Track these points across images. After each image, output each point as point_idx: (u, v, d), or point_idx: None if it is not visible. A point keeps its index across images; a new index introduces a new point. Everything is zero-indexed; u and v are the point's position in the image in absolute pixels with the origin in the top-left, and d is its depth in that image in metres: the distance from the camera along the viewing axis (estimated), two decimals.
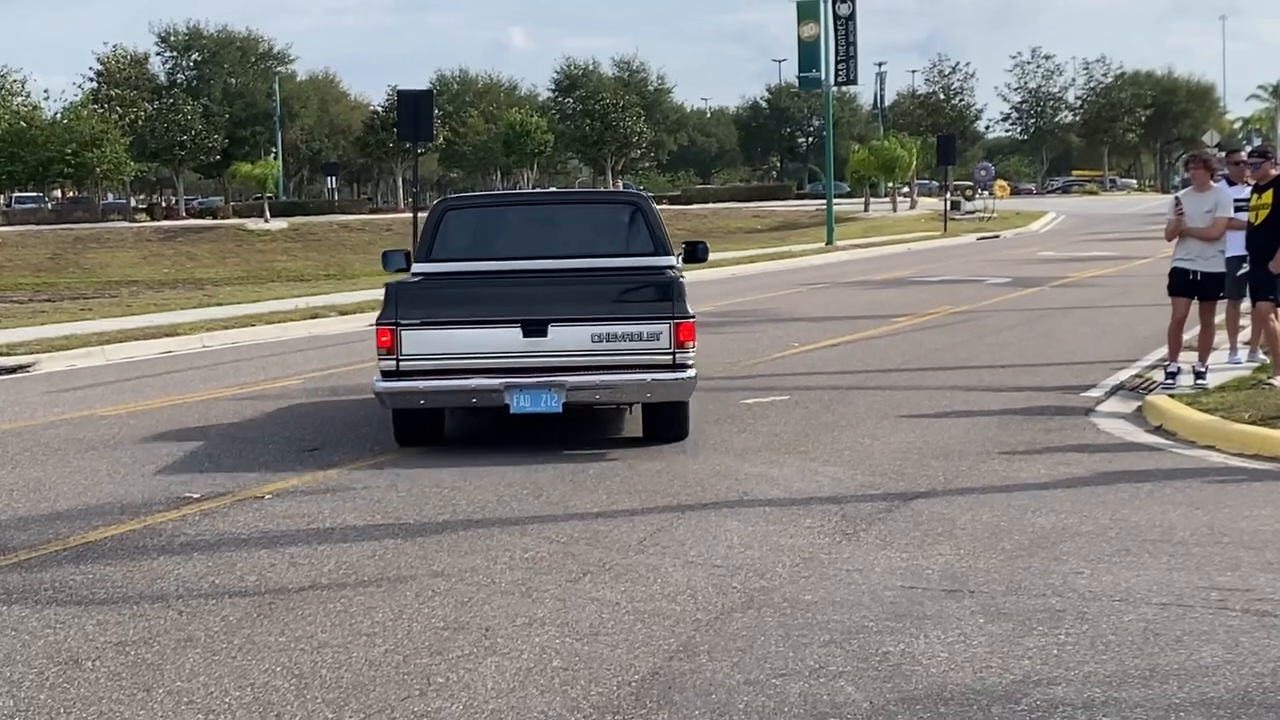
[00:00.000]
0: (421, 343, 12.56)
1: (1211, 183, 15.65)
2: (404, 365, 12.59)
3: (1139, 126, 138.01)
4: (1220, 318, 16.64)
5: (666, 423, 13.08)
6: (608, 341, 12.54)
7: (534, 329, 12.52)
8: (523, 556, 8.99)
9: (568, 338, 12.54)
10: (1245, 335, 17.71)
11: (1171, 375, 15.55)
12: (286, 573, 8.80)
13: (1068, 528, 9.47)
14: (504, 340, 12.55)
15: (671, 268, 13.65)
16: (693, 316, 12.64)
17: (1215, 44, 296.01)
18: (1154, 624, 7.27)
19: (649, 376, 12.46)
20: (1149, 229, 37.60)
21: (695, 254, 14.63)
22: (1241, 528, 9.38)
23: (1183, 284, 15.64)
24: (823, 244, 55.62)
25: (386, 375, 12.60)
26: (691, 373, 12.57)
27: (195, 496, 11.12)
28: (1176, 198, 15.89)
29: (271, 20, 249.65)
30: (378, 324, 12.63)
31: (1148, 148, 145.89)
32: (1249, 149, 18.02)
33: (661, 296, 12.63)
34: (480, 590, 8.26)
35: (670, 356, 12.51)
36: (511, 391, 12.48)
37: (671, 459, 12.24)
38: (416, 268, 13.97)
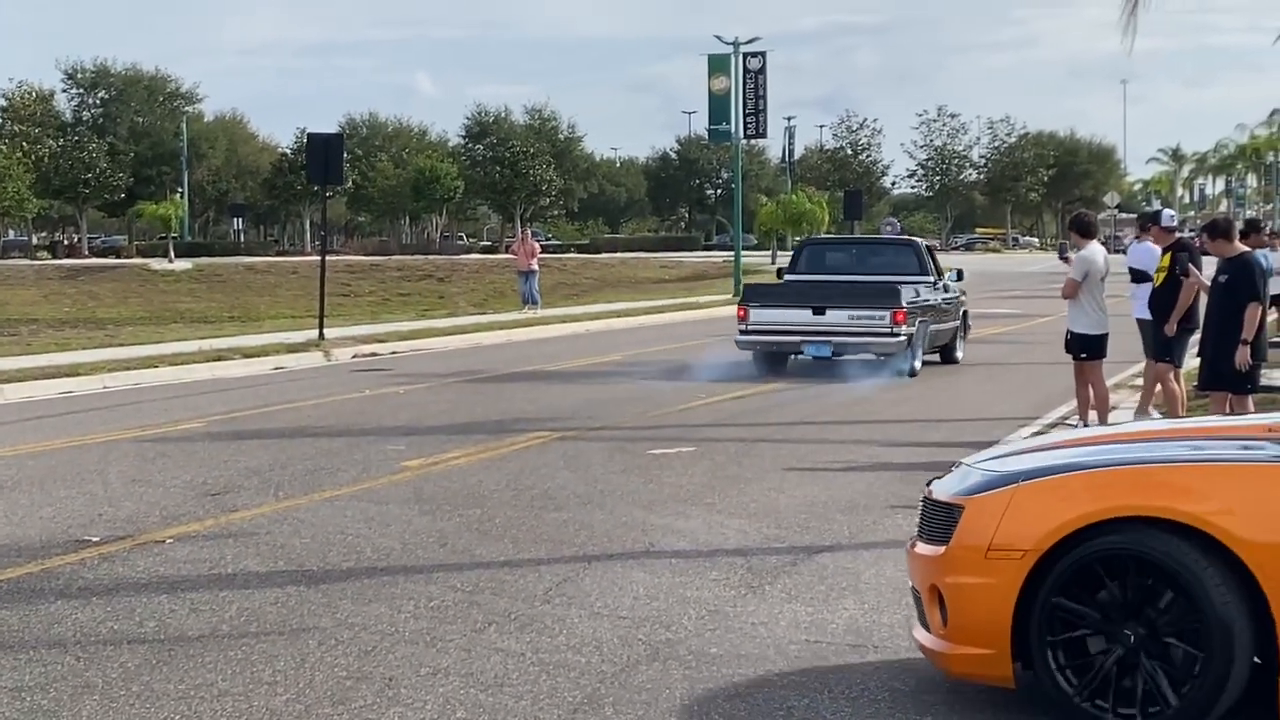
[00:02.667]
0: (759, 316, 24.15)
1: (1085, 242, 16.17)
2: (750, 328, 24.20)
3: (1041, 186, 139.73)
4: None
5: (894, 362, 23.46)
6: (858, 319, 23.49)
7: (818, 311, 23.84)
8: (427, 605, 8.94)
9: (837, 316, 23.65)
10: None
11: None
12: (187, 619, 8.70)
13: None
14: (802, 317, 23.91)
15: (925, 283, 25.20)
16: (904, 307, 23.29)
17: (1115, 107, 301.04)
18: None
19: (875, 339, 23.42)
20: (1049, 287, 38.18)
21: (959, 276, 27.69)
22: None
23: (1066, 342, 16.41)
24: (730, 295, 55.85)
25: (741, 334, 24.25)
26: (901, 339, 23.29)
27: (94, 540, 10.97)
28: (1062, 255, 16.63)
29: (182, 60, 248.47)
30: (739, 304, 24.87)
31: (1050, 207, 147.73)
32: (1151, 211, 18.45)
33: (887, 296, 23.48)
34: (384, 639, 8.21)
35: (889, 329, 23.29)
36: (805, 344, 23.90)
37: (577, 509, 12.22)
38: (787, 277, 26.42)
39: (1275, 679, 6.36)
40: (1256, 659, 6.41)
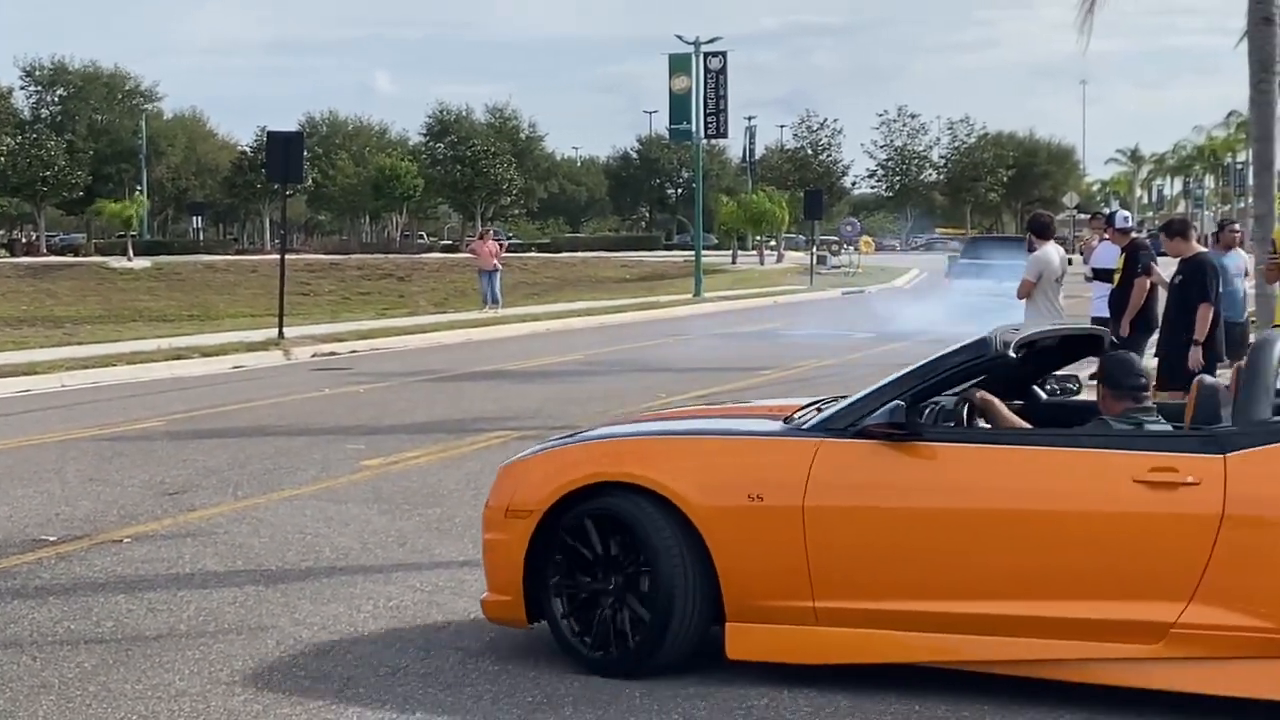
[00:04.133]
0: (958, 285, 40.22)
1: (1041, 243, 16.14)
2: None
3: (1001, 186, 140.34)
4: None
5: None
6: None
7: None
8: (386, 605, 8.93)
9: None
10: None
11: None
12: (144, 619, 8.67)
13: None
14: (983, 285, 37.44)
15: None
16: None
17: (1074, 108, 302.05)
18: None
19: None
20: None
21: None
22: None
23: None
24: (691, 295, 55.90)
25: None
26: None
27: (51, 539, 10.92)
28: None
29: (140, 58, 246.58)
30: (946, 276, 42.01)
31: (1009, 207, 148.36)
32: (1109, 212, 18.56)
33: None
34: (342, 639, 8.19)
35: None
36: None
37: None
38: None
39: (723, 626, 7.35)
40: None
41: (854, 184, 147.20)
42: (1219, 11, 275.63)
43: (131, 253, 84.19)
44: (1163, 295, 14.97)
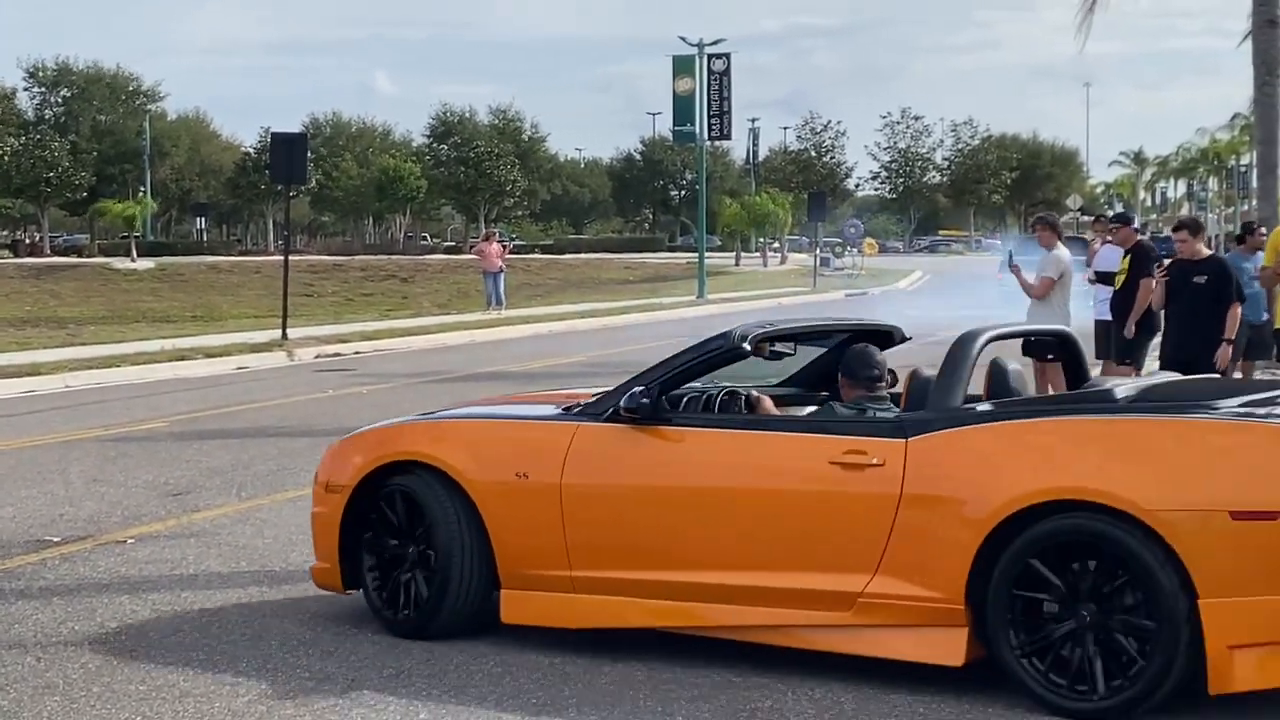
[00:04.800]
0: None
1: (1059, 244, 16.00)
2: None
3: (1004, 188, 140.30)
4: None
5: None
6: None
7: None
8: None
9: None
10: None
11: None
12: (148, 620, 8.67)
13: None
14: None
15: None
16: None
17: (1077, 110, 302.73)
18: None
19: None
20: (1011, 288, 38.46)
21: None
22: None
23: (1026, 343, 15.84)
24: (694, 296, 55.92)
25: None
26: None
27: (55, 540, 10.92)
28: (1011, 263, 16.22)
29: (143, 59, 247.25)
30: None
31: (1013, 209, 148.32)
32: (1112, 214, 18.47)
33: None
34: (347, 640, 8.19)
35: None
36: None
37: None
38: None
39: (499, 592, 8.09)
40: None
41: (857, 186, 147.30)
42: (1218, 13, 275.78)
43: (135, 254, 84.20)
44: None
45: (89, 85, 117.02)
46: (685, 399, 8.26)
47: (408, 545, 8.26)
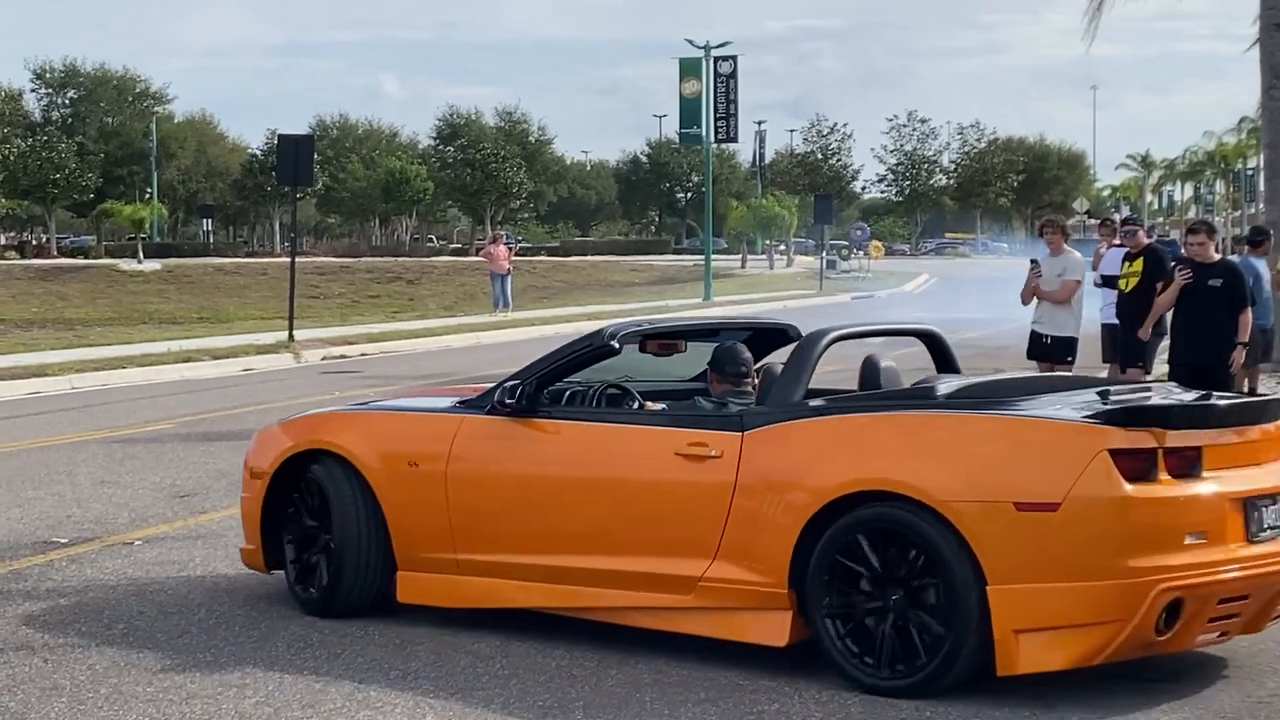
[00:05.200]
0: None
1: (1066, 247, 15.87)
2: None
3: (1011, 191, 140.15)
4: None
5: None
6: None
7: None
8: (397, 608, 8.92)
9: None
10: None
11: None
12: (156, 621, 8.68)
13: None
14: None
15: None
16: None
17: (1082, 112, 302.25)
18: None
19: None
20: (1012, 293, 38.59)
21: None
22: None
23: (1038, 347, 15.77)
24: (700, 299, 55.94)
25: None
26: None
27: (62, 541, 10.93)
28: (1033, 260, 15.97)
29: (150, 60, 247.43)
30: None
31: (1019, 212, 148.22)
32: (1119, 218, 18.39)
33: None
34: (354, 642, 8.19)
35: None
36: None
37: None
38: None
39: (395, 575, 8.70)
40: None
41: (863, 188, 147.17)
42: (1225, 17, 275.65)
43: (142, 255, 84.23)
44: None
45: (96, 87, 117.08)
46: (570, 394, 8.88)
47: (319, 529, 8.85)
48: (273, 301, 52.29)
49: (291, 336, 31.02)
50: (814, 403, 7.85)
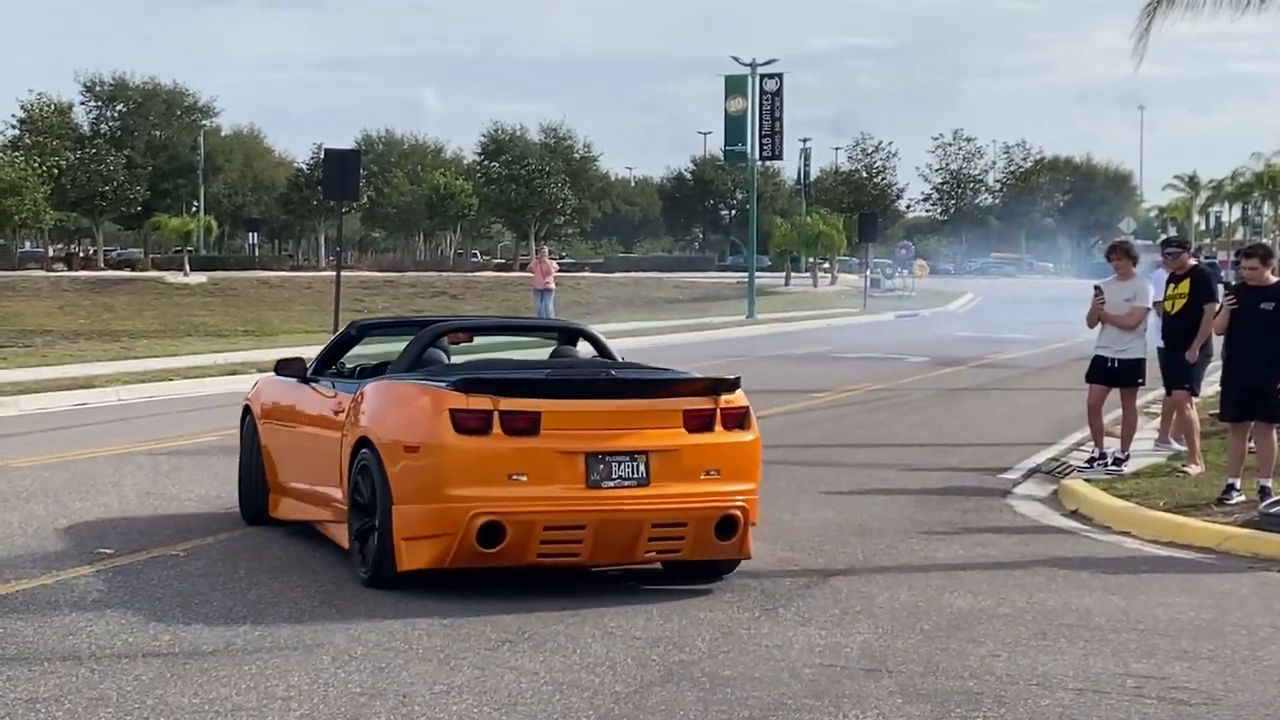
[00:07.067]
0: None
1: (1134, 271, 15.82)
2: None
3: (1057, 211, 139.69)
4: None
5: None
6: None
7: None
8: (441, 623, 8.94)
9: None
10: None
11: (1092, 461, 15.67)
12: (201, 633, 8.71)
13: (985, 610, 9.53)
14: None
15: None
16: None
17: (1128, 132, 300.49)
18: (1071, 709, 7.32)
19: None
20: (1066, 312, 38.30)
21: None
22: (1156, 615, 9.47)
23: (1101, 371, 15.74)
24: (744, 316, 55.91)
25: None
26: None
27: (109, 552, 10.99)
28: (1097, 285, 15.92)
29: (198, 75, 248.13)
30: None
31: (1065, 232, 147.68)
32: (1163, 239, 18.26)
33: None
34: (398, 656, 8.21)
35: None
36: None
37: None
38: None
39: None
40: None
41: (908, 207, 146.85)
42: (1275, 37, 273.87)
43: (188, 268, 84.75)
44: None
45: (145, 100, 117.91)
46: (355, 369, 11.83)
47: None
48: (317, 315, 52.49)
49: None
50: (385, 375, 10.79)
